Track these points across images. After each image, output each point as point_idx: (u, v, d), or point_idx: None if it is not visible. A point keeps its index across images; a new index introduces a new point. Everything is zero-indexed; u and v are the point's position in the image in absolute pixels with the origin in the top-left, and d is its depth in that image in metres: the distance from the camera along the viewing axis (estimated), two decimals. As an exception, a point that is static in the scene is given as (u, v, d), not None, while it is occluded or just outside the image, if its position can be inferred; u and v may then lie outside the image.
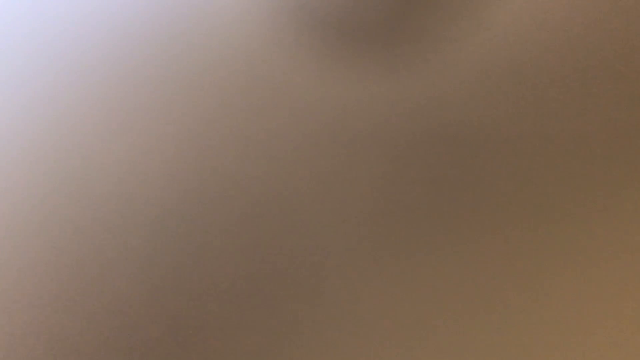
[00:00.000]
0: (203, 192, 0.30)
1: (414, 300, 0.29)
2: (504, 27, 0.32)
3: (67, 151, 0.31)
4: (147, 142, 0.31)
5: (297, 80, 0.31)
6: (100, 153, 0.31)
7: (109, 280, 0.30)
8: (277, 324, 0.29)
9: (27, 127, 0.31)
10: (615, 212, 0.30)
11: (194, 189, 0.30)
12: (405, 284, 0.29)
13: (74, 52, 0.32)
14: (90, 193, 0.30)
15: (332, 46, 0.32)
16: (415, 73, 0.31)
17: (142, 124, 0.31)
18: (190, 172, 0.31)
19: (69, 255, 0.30)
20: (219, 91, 0.31)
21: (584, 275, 0.29)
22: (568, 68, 0.31)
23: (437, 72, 0.31)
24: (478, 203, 0.30)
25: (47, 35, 0.32)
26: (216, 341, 0.29)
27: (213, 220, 0.30)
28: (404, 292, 0.29)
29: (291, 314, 0.29)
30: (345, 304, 0.29)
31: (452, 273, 0.29)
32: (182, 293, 0.29)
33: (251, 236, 0.30)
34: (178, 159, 0.31)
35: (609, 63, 0.31)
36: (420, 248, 0.30)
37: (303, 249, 0.30)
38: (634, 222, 0.30)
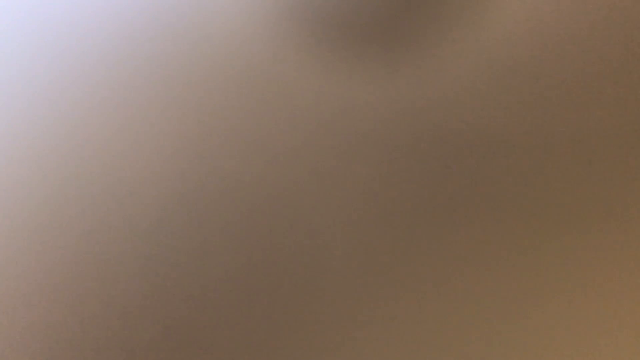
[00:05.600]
0: (202, 192, 0.30)
1: (413, 300, 0.29)
2: (503, 27, 0.32)
3: (66, 151, 0.31)
4: (147, 141, 0.31)
5: (298, 80, 0.31)
6: (100, 152, 0.31)
7: (108, 279, 0.30)
8: (276, 324, 0.29)
9: (27, 127, 0.31)
10: (616, 212, 0.30)
11: (193, 188, 0.30)
12: (405, 284, 0.29)
13: (74, 53, 0.32)
14: (89, 193, 0.30)
15: (332, 46, 0.32)
16: (415, 73, 0.31)
17: (142, 124, 0.31)
18: (190, 172, 0.31)
19: (68, 255, 0.30)
20: (219, 91, 0.31)
21: (584, 277, 0.29)
22: (567, 68, 0.31)
23: (437, 72, 0.31)
24: (478, 203, 0.30)
25: (46, 35, 0.32)
26: (215, 341, 0.29)
27: (212, 220, 0.30)
28: (403, 292, 0.29)
29: (290, 314, 0.29)
30: (345, 303, 0.29)
31: (452, 273, 0.29)
32: (181, 293, 0.29)
33: (250, 235, 0.30)
34: (178, 158, 0.31)
35: (609, 63, 0.31)
36: (420, 248, 0.30)
37: (302, 248, 0.30)
38: (635, 222, 0.30)
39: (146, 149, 0.31)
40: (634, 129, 0.31)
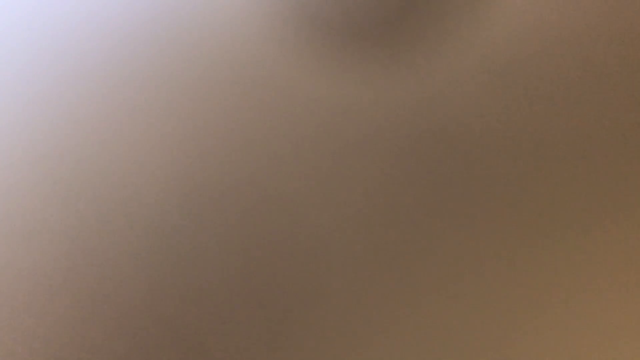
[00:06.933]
0: (202, 192, 0.30)
1: (413, 301, 0.29)
2: (504, 27, 0.32)
3: (67, 151, 0.31)
4: (146, 142, 0.31)
5: (298, 80, 0.31)
6: (100, 153, 0.31)
7: (108, 280, 0.30)
8: (276, 325, 0.29)
9: (27, 127, 0.31)
10: (616, 212, 0.30)
11: (193, 189, 0.30)
12: (405, 284, 0.29)
13: (74, 53, 0.32)
14: (89, 193, 0.30)
15: (332, 46, 0.32)
16: (415, 73, 0.31)
17: (141, 124, 0.31)
18: (190, 172, 0.31)
19: (68, 255, 0.30)
20: (219, 91, 0.31)
21: (584, 277, 0.29)
22: (567, 68, 0.31)
23: (436, 72, 0.31)
24: (478, 203, 0.30)
25: (46, 34, 0.32)
26: (215, 341, 0.29)
27: (211, 221, 0.30)
28: (403, 293, 0.29)
29: (290, 315, 0.29)
30: (345, 304, 0.29)
31: (452, 273, 0.29)
32: (181, 294, 0.29)
33: (250, 236, 0.30)
34: (177, 159, 0.31)
35: (609, 63, 0.31)
36: (420, 248, 0.30)
37: (302, 249, 0.30)
38: (635, 222, 0.30)
39: (145, 150, 0.31)
40: (634, 129, 0.31)
